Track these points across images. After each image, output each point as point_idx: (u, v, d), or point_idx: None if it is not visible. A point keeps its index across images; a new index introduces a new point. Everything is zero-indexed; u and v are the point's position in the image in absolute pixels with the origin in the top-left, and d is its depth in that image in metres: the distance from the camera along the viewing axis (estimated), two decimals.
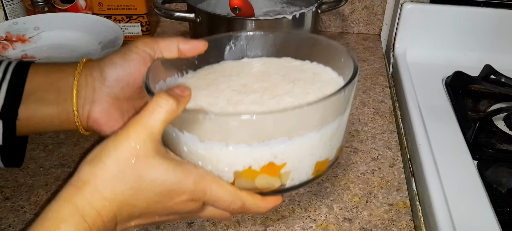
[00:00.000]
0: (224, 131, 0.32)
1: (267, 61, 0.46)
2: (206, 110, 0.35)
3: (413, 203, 0.56)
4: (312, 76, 0.42)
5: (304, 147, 0.34)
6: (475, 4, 0.83)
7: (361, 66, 0.83)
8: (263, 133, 0.32)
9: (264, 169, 0.33)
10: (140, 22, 0.90)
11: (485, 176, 0.56)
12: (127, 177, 0.29)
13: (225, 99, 0.39)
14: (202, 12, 0.67)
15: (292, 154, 0.34)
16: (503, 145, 0.62)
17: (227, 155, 0.33)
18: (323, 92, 0.39)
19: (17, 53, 0.73)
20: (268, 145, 0.33)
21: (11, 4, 0.80)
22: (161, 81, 0.40)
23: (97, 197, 0.28)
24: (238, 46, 0.45)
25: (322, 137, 0.34)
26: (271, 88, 0.40)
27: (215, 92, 0.40)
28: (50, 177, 0.55)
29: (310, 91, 0.40)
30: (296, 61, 0.45)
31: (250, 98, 0.39)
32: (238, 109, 0.37)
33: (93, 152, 0.30)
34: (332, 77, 0.42)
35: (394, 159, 0.59)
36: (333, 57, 0.42)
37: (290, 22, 0.67)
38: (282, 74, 0.43)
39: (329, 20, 0.96)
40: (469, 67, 0.76)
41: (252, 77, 0.42)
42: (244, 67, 0.45)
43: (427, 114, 0.68)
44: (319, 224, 0.49)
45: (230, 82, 0.42)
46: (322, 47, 0.43)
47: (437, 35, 0.86)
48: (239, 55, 0.46)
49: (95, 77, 0.37)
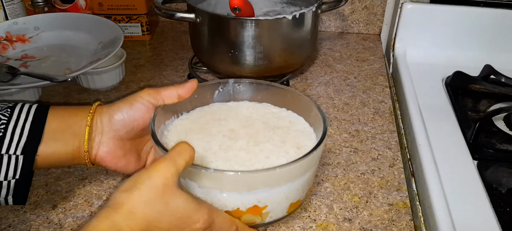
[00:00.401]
0: (220, 182, 0.40)
1: (250, 106, 0.53)
2: (206, 167, 0.41)
3: (413, 203, 0.56)
4: (288, 125, 0.50)
5: (283, 194, 0.42)
6: (475, 4, 0.83)
7: (361, 66, 0.83)
8: (251, 185, 0.40)
9: (249, 210, 0.41)
10: (140, 22, 0.90)
11: (485, 176, 0.56)
12: (156, 202, 0.35)
13: (217, 144, 0.46)
14: (202, 12, 0.67)
15: (273, 199, 0.42)
16: (503, 145, 0.62)
17: (220, 199, 0.40)
18: (297, 142, 0.47)
19: (17, 53, 0.73)
20: (254, 193, 0.40)
21: (11, 4, 0.80)
22: (162, 125, 0.47)
23: (131, 217, 0.34)
24: (226, 90, 0.53)
25: (297, 185, 0.42)
26: (255, 135, 0.48)
27: (208, 137, 0.47)
28: (50, 177, 0.55)
29: (287, 140, 0.47)
30: (275, 107, 0.53)
31: (239, 144, 0.46)
32: (229, 155, 0.45)
33: (127, 182, 0.36)
34: (305, 127, 0.49)
35: (394, 159, 0.59)
36: (305, 109, 0.50)
37: (290, 22, 0.67)
38: (264, 121, 0.50)
39: (329, 20, 0.96)
40: (469, 67, 0.76)
41: (239, 123, 0.50)
42: (231, 112, 0.52)
43: (427, 114, 0.68)
44: (319, 224, 0.49)
45: (220, 127, 0.49)
46: (295, 99, 0.51)
47: (437, 35, 0.86)
48: (227, 98, 0.53)
49: (104, 122, 0.44)
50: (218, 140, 0.47)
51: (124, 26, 0.90)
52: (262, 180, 0.40)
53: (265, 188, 0.41)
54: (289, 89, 0.52)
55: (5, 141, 0.40)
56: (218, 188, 0.40)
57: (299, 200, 0.45)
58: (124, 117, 0.44)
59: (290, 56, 0.71)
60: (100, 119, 0.44)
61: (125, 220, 0.34)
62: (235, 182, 0.40)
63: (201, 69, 0.80)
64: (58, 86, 0.74)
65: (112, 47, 0.67)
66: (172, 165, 0.36)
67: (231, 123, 0.50)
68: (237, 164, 0.44)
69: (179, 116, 0.51)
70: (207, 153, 0.45)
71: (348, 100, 0.72)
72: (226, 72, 0.73)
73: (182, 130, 0.49)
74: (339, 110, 0.69)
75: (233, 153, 0.45)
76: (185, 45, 0.90)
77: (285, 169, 0.40)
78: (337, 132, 0.64)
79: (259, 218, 0.43)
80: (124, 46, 0.70)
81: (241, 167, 0.44)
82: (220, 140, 0.47)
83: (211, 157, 0.45)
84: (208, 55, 0.73)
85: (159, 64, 0.83)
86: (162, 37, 0.95)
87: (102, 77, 0.71)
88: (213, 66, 0.74)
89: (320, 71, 0.81)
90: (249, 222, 0.43)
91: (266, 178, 0.40)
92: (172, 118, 0.50)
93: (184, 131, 0.49)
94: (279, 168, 0.39)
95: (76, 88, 0.74)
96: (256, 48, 0.67)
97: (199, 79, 0.77)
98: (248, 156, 0.45)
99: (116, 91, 0.73)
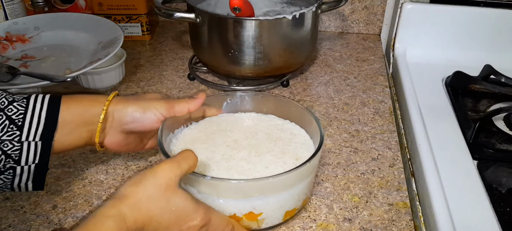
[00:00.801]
0: (216, 189, 0.43)
1: (256, 118, 0.56)
2: (204, 174, 0.44)
3: (413, 203, 0.56)
4: (290, 137, 0.52)
5: (277, 202, 0.44)
6: (475, 4, 0.83)
7: (361, 66, 0.83)
8: (246, 192, 0.43)
9: (245, 216, 0.44)
10: (140, 22, 0.90)
11: (485, 176, 0.56)
12: (159, 199, 0.38)
13: (220, 154, 0.49)
14: (202, 12, 0.67)
15: (267, 207, 0.44)
16: (503, 145, 0.62)
17: (218, 205, 0.43)
18: (296, 153, 0.49)
19: (17, 53, 0.73)
20: (249, 201, 0.43)
21: (11, 4, 0.80)
22: (171, 133, 0.51)
23: (135, 208, 0.37)
24: (233, 102, 0.56)
25: (291, 194, 0.45)
26: (256, 146, 0.50)
27: (213, 146, 0.50)
28: (50, 177, 0.55)
29: (287, 151, 0.50)
30: (279, 119, 0.55)
31: (240, 155, 0.49)
32: (230, 164, 0.47)
33: (134, 177, 0.39)
34: (306, 139, 0.52)
35: (394, 159, 0.59)
36: (306, 122, 0.52)
37: (290, 22, 0.67)
38: (267, 132, 0.53)
39: (329, 20, 0.96)
40: (469, 67, 0.76)
41: (243, 134, 0.53)
42: (237, 123, 0.55)
43: (427, 114, 0.68)
44: (319, 224, 0.49)
45: (225, 138, 0.52)
46: (297, 112, 0.53)
47: (437, 35, 0.86)
48: (234, 109, 0.56)
49: (115, 118, 0.47)
50: (222, 150, 0.50)
51: (124, 26, 0.90)
52: (256, 188, 0.43)
53: (259, 196, 0.43)
54: (292, 102, 0.54)
55: (24, 129, 0.42)
56: (216, 194, 0.43)
57: (295, 209, 0.47)
58: (134, 121, 0.47)
59: (290, 56, 0.71)
60: (112, 116, 0.47)
61: (131, 211, 0.36)
62: (230, 189, 0.43)
63: (201, 69, 0.80)
64: (58, 86, 0.74)
65: (112, 47, 0.67)
66: (177, 167, 0.39)
67: (236, 134, 0.53)
68: (237, 172, 0.46)
69: (189, 125, 0.54)
70: (210, 161, 0.48)
71: (348, 100, 0.72)
72: (226, 72, 0.73)
73: (190, 139, 0.52)
74: (339, 110, 0.69)
75: (235, 162, 0.48)
76: (185, 45, 0.90)
77: (278, 178, 0.42)
78: (337, 132, 0.64)
79: (255, 224, 0.45)
80: (124, 46, 0.70)
81: (240, 175, 0.46)
82: (224, 150, 0.50)
83: (213, 166, 0.47)
84: (208, 55, 0.73)
85: (159, 64, 0.83)
86: (162, 37, 0.95)
87: (102, 77, 0.71)
88: (213, 66, 0.74)
89: (320, 71, 0.81)
90: (246, 227, 0.45)
91: (260, 187, 0.43)
92: (182, 127, 0.53)
93: (191, 139, 0.52)
94: (272, 177, 0.42)
95: (76, 88, 0.74)
96: (256, 48, 0.67)
97: (199, 79, 0.77)
98: (248, 165, 0.47)
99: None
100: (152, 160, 0.58)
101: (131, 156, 0.58)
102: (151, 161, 0.58)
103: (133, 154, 0.59)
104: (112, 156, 0.58)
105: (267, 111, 0.56)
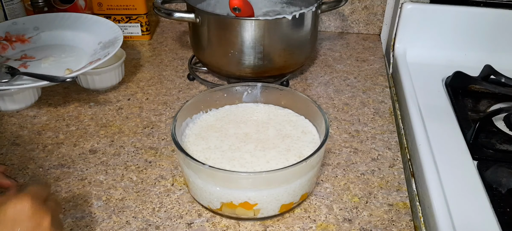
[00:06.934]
0: (213, 177, 0.45)
1: (273, 111, 0.58)
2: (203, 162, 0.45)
3: (413, 203, 0.56)
4: (300, 135, 0.53)
5: (271, 196, 0.46)
6: (475, 4, 0.83)
7: (361, 67, 0.83)
8: (239, 184, 0.45)
9: (241, 204, 0.46)
10: (140, 22, 0.90)
11: (485, 176, 0.56)
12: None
13: (228, 144, 0.51)
14: (202, 12, 0.67)
15: (262, 199, 0.46)
16: (503, 145, 0.62)
17: (216, 192, 0.46)
18: (300, 152, 0.50)
19: (16, 53, 0.73)
20: (244, 191, 0.45)
21: (10, 4, 0.80)
22: (188, 118, 0.54)
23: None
24: (253, 93, 0.58)
25: (286, 190, 0.46)
26: (264, 141, 0.52)
27: (223, 136, 0.53)
28: (50, 177, 0.55)
29: (292, 149, 0.51)
30: (295, 115, 0.57)
31: (247, 148, 0.51)
32: (234, 155, 0.50)
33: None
34: (314, 138, 0.53)
35: (394, 159, 0.59)
36: (317, 121, 0.54)
37: (290, 22, 0.67)
38: (278, 128, 0.55)
39: (329, 20, 0.96)
40: (469, 67, 0.76)
41: (255, 127, 0.55)
42: (253, 114, 0.57)
43: (427, 114, 0.68)
44: (319, 224, 0.49)
45: (237, 129, 0.54)
46: (312, 111, 0.54)
47: (437, 35, 0.86)
48: (254, 99, 0.59)
49: None
50: (231, 141, 0.52)
51: (123, 26, 0.90)
52: (250, 181, 0.45)
53: (253, 188, 0.45)
54: (308, 100, 0.55)
55: None
56: (213, 182, 0.45)
57: (292, 203, 0.48)
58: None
59: (290, 56, 0.71)
60: None
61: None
62: (225, 179, 0.45)
63: (201, 69, 0.80)
64: (58, 86, 0.74)
65: (111, 47, 0.67)
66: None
67: (249, 126, 0.55)
68: (239, 164, 0.48)
69: (208, 111, 0.56)
70: (218, 150, 0.50)
71: (348, 100, 0.72)
72: (226, 72, 0.73)
73: (205, 125, 0.55)
74: (339, 110, 0.69)
75: (239, 154, 0.50)
76: (185, 45, 0.90)
77: (272, 174, 0.44)
78: (337, 132, 0.64)
79: (252, 213, 0.47)
80: (123, 46, 0.70)
81: (241, 167, 0.48)
82: (232, 141, 0.52)
83: (219, 154, 0.50)
84: (208, 55, 0.73)
85: (159, 64, 0.83)
86: (162, 37, 0.95)
87: (101, 77, 0.71)
88: (213, 66, 0.74)
89: (320, 72, 0.81)
90: (243, 215, 0.47)
91: (253, 180, 0.45)
92: (201, 112, 0.56)
93: (206, 126, 0.54)
94: (266, 173, 0.45)
95: (76, 88, 0.74)
96: (256, 48, 0.67)
97: (198, 79, 0.77)
98: (251, 159, 0.49)
99: (115, 92, 0.73)
100: (151, 160, 0.58)
101: (130, 156, 0.58)
102: (151, 161, 0.58)
103: (133, 154, 0.59)
104: (112, 157, 0.58)
105: (285, 105, 0.58)
